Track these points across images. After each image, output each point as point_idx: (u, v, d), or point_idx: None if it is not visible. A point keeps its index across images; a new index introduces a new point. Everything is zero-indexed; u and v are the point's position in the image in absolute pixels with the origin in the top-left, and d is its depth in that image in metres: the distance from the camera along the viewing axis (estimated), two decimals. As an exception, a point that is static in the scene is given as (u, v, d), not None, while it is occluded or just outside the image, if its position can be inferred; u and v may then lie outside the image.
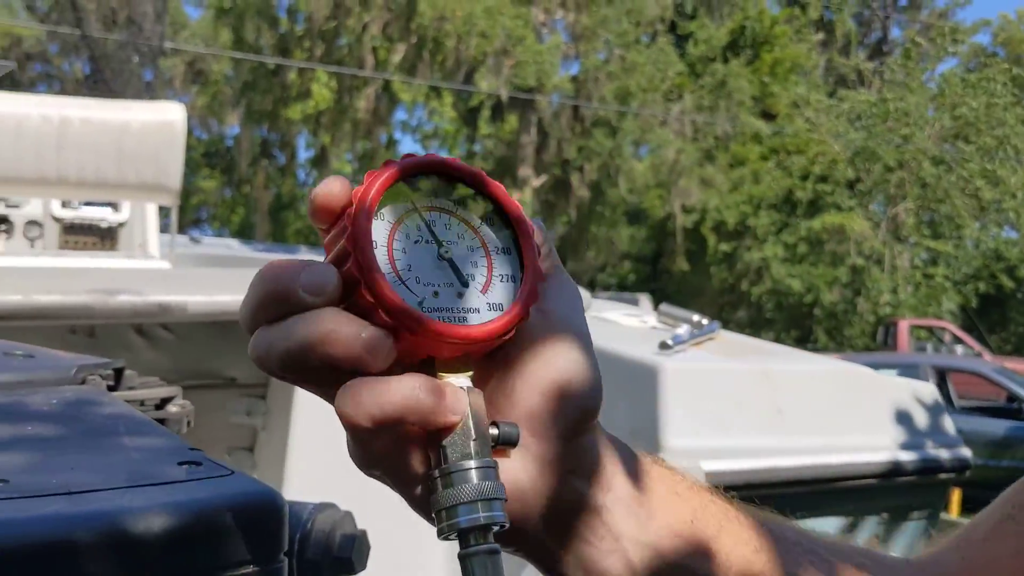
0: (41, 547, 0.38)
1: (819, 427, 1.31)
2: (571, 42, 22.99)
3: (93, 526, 0.39)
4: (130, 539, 0.40)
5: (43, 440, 0.49)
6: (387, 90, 23.89)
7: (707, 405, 1.24)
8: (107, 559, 0.39)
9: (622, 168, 21.80)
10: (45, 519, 0.38)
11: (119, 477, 0.44)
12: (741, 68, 22.56)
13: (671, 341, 1.31)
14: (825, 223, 20.24)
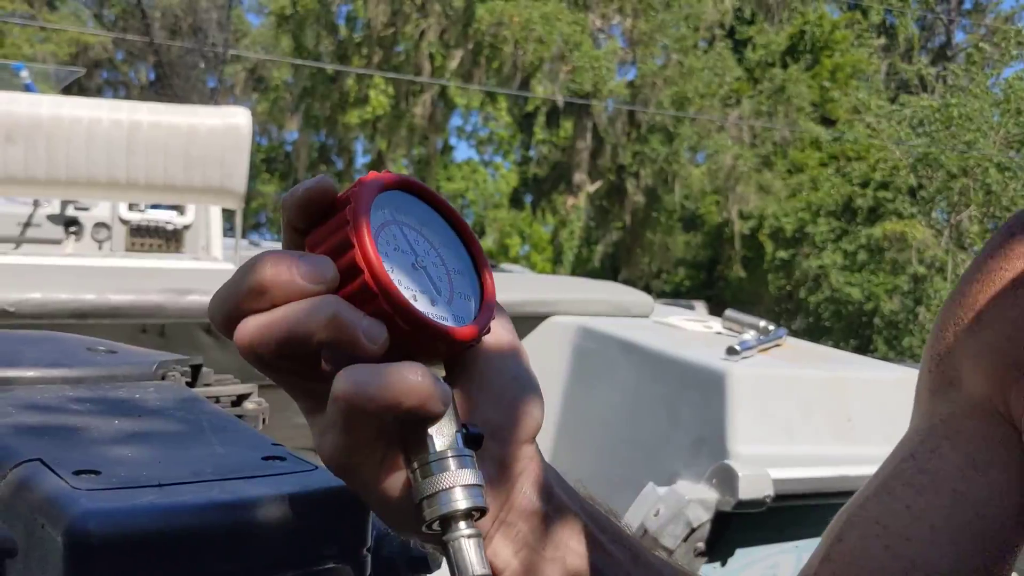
0: (137, 537, 0.38)
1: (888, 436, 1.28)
2: (628, 47, 22.92)
3: (185, 518, 0.40)
4: (222, 531, 0.40)
5: (130, 433, 0.50)
6: (443, 96, 24.07)
7: (776, 412, 1.22)
8: (199, 550, 0.39)
9: (678, 174, 21.66)
10: (139, 510, 0.39)
11: (207, 470, 0.45)
12: (800, 73, 22.28)
13: (738, 347, 1.29)
14: (886, 230, 19.89)
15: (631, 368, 1.37)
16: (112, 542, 0.38)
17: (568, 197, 22.83)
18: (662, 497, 1.13)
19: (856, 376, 1.34)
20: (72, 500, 0.39)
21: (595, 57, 21.36)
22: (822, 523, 1.26)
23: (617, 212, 23.08)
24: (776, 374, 1.27)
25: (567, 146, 23.32)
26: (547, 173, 24.59)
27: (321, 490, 0.45)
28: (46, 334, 0.74)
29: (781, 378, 1.27)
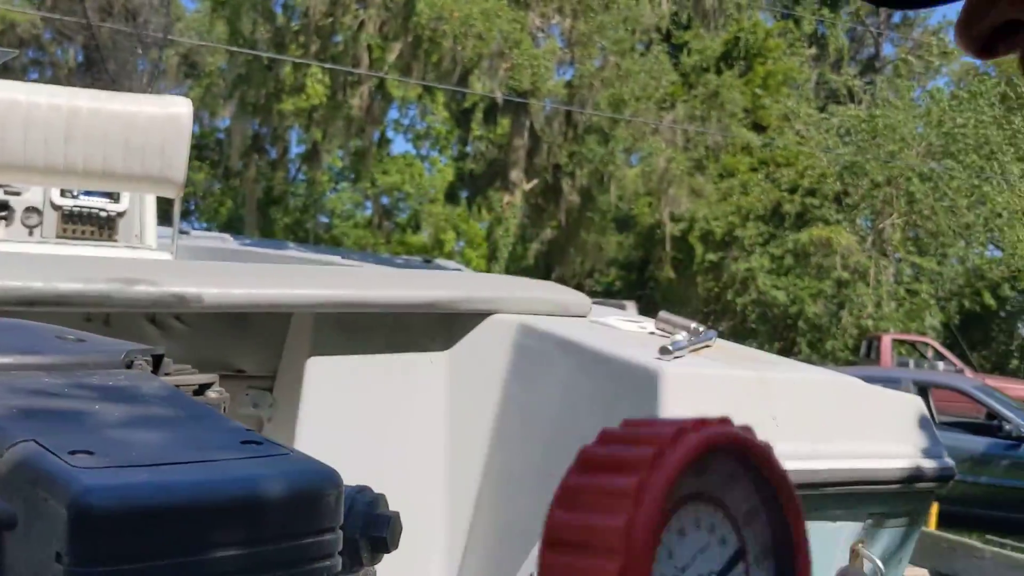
0: (136, 510, 0.42)
1: (810, 434, 1.36)
2: (566, 48, 23.05)
3: (178, 494, 0.44)
4: (212, 506, 0.44)
5: (114, 417, 0.53)
6: (381, 88, 23.90)
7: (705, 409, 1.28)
8: (191, 522, 0.43)
9: (613, 175, 21.88)
10: (137, 486, 0.43)
11: (192, 452, 0.48)
12: (734, 80, 22.69)
13: (671, 347, 1.36)
14: (812, 236, 20.38)
15: (569, 365, 1.42)
16: (113, 515, 0.41)
17: (504, 194, 22.89)
18: (597, 489, 1.19)
19: (781, 377, 1.42)
20: (74, 476, 0.42)
21: (534, 56, 21.43)
22: (746, 515, 1.33)
23: (552, 211, 23.22)
24: (706, 373, 1.34)
25: (504, 143, 23.37)
26: (484, 170, 24.62)
27: (296, 471, 0.49)
28: (14, 322, 0.76)
29: (711, 377, 1.34)
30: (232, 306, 1.37)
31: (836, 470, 1.33)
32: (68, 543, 0.41)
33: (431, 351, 1.58)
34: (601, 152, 21.66)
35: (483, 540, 1.44)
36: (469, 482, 1.50)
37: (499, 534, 1.44)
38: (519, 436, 1.47)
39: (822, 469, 1.31)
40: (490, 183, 23.89)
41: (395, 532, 0.59)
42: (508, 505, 1.45)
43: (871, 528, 1.43)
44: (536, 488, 1.37)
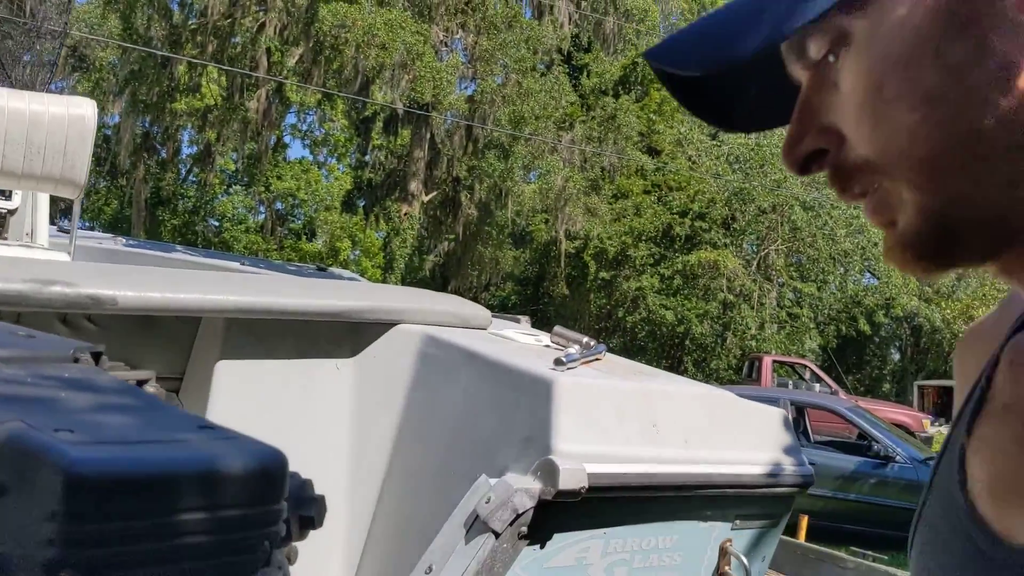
0: (120, 479, 0.50)
1: (687, 441, 1.50)
2: (469, 63, 23.22)
3: (154, 467, 0.52)
4: (182, 477, 0.52)
5: (80, 403, 0.61)
6: (279, 92, 23.57)
7: (593, 416, 1.40)
8: (165, 491, 0.51)
9: (511, 191, 22.12)
10: (120, 459, 0.50)
11: (158, 434, 0.56)
12: (630, 104, 23.29)
13: (565, 359, 1.47)
14: (700, 258, 21.04)
15: (471, 374, 1.52)
16: (99, 481, 0.49)
17: (402, 205, 22.84)
18: (493, 487, 1.29)
19: (662, 389, 1.55)
20: (65, 449, 0.50)
21: (437, 69, 21.50)
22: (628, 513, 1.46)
23: (450, 224, 23.31)
24: (596, 384, 1.46)
25: (404, 154, 23.35)
26: (382, 179, 24.52)
27: (249, 450, 0.57)
28: (-37, 318, 0.81)
29: (600, 387, 1.46)
30: (146, 309, 1.41)
31: (708, 474, 1.47)
32: (63, 504, 0.48)
33: (338, 357, 1.66)
34: (500, 168, 21.88)
35: (383, 535, 1.52)
36: (371, 481, 1.58)
37: (398, 529, 1.52)
38: (421, 439, 1.56)
39: (696, 472, 1.45)
40: (388, 193, 23.81)
41: (321, 512, 0.67)
42: (408, 503, 1.53)
43: (738, 528, 1.58)
44: (436, 487, 1.46)
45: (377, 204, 24.49)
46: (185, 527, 0.52)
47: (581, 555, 1.32)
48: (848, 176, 0.57)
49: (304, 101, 26.95)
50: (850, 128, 0.56)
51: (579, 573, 1.35)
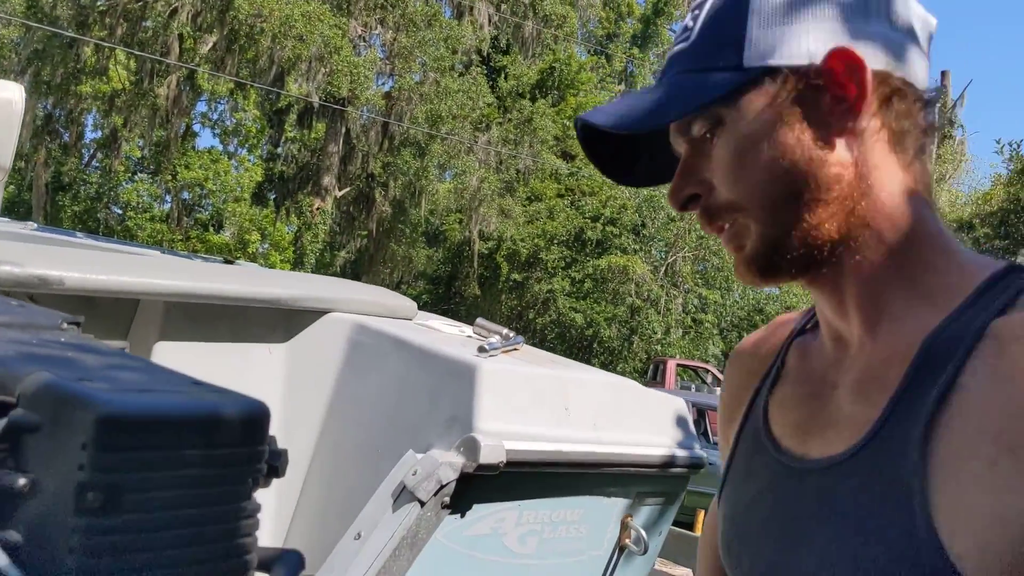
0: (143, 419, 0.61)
1: (595, 424, 1.65)
2: (387, 59, 23.12)
3: (170, 410, 0.63)
4: (194, 419, 0.63)
5: (88, 361, 0.71)
6: (191, 79, 23.07)
7: (512, 399, 1.53)
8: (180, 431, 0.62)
9: (426, 189, 22.14)
10: (142, 402, 0.61)
11: (165, 385, 0.67)
12: (547, 108, 23.56)
13: (487, 347, 1.60)
14: (611, 263, 21.45)
15: (399, 360, 1.64)
16: (125, 421, 0.60)
17: (315, 199, 22.60)
18: (419, 461, 1.41)
19: (575, 376, 1.70)
20: (94, 392, 0.61)
21: (354, 64, 21.36)
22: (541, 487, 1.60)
23: (363, 220, 23.18)
24: (515, 370, 1.60)
25: (318, 148, 23.11)
26: (295, 173, 24.20)
27: (240, 400, 0.69)
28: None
29: (518, 374, 1.60)
30: (91, 290, 1.48)
31: (613, 454, 1.62)
32: (93, 437, 0.59)
33: (271, 342, 1.75)
34: (416, 166, 21.88)
35: (311, 508, 1.63)
36: (301, 458, 1.68)
37: (327, 502, 1.63)
38: (350, 419, 1.67)
39: (602, 452, 1.60)
40: (301, 187, 23.52)
41: (284, 463, 0.79)
42: (337, 478, 1.63)
43: (637, 504, 1.74)
44: (364, 463, 1.57)
45: (289, 198, 24.14)
46: (189, 460, 0.63)
47: (497, 525, 1.45)
48: (714, 214, 0.84)
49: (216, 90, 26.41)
50: (719, 181, 0.82)
51: (495, 541, 1.48)
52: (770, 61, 0.80)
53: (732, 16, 0.82)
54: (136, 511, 0.60)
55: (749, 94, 0.80)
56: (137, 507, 0.60)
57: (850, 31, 0.80)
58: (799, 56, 0.80)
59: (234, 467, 0.66)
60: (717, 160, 0.82)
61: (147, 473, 0.60)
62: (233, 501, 0.66)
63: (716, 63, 0.81)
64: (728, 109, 0.81)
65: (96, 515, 0.58)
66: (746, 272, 0.84)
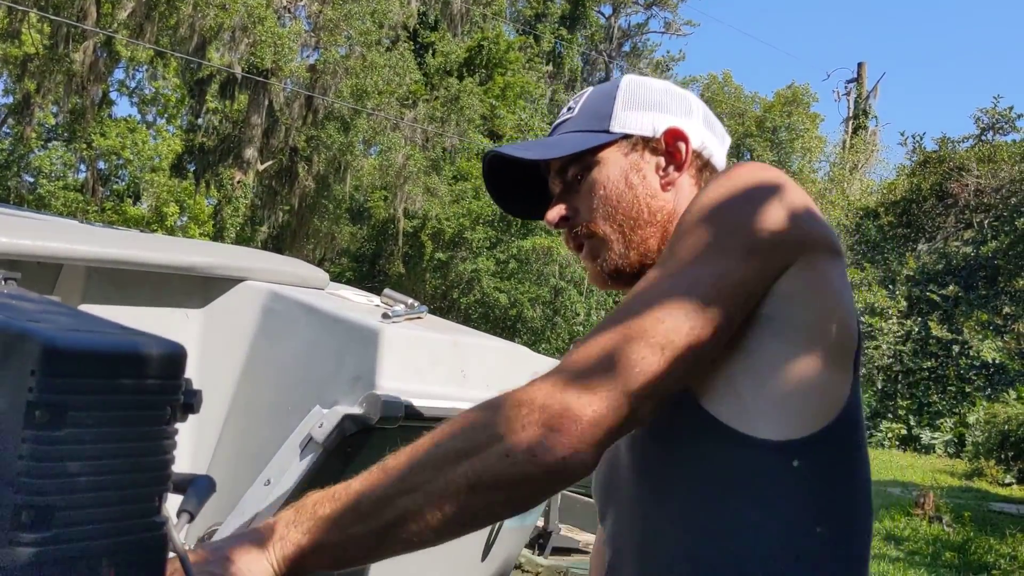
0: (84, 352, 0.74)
1: (488, 385, 1.81)
2: (312, 31, 22.82)
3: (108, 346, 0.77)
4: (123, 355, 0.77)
5: (31, 308, 0.84)
6: (108, 46, 22.44)
7: (412, 362, 1.69)
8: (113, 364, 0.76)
9: (351, 165, 21.99)
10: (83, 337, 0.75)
11: (102, 326, 0.81)
12: (474, 86, 23.57)
13: (391, 314, 1.75)
14: (535, 244, 21.67)
15: (309, 326, 1.77)
16: (67, 352, 0.74)
17: (236, 172, 22.24)
18: (325, 415, 1.56)
19: (470, 342, 1.86)
20: (41, 329, 0.74)
21: (279, 35, 21.06)
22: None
23: (285, 195, 22.93)
24: (416, 335, 1.75)
25: (240, 120, 22.72)
26: (216, 145, 23.76)
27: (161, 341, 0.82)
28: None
29: (419, 338, 1.75)
30: (14, 254, 1.58)
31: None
32: (40, 366, 0.72)
33: (188, 308, 1.86)
34: (340, 140, 21.71)
35: (225, 461, 1.75)
36: (216, 417, 1.80)
37: (240, 456, 1.75)
38: (262, 380, 1.79)
39: None
40: (222, 159, 23.12)
41: (199, 401, 0.92)
42: (249, 434, 1.76)
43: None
44: (274, 420, 1.71)
45: (209, 170, 23.69)
46: (119, 388, 0.77)
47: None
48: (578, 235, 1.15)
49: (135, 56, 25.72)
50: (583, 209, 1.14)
51: (394, 489, 1.64)
52: (627, 130, 1.14)
53: (603, 100, 1.16)
54: (76, 427, 0.73)
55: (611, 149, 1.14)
56: (77, 423, 0.73)
57: (680, 122, 1.16)
58: (647, 129, 1.15)
59: (157, 395, 0.80)
60: (584, 194, 1.15)
61: (85, 396, 0.74)
62: (155, 424, 0.81)
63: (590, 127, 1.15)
64: (595, 159, 1.14)
65: (43, 429, 0.72)
66: (600, 279, 1.14)
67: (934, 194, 12.03)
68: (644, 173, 1.13)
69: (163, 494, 0.85)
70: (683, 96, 1.19)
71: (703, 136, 1.17)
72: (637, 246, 1.11)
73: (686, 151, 1.14)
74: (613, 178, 1.12)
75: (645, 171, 1.13)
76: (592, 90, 1.21)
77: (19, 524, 0.72)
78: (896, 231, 12.76)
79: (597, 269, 1.14)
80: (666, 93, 1.18)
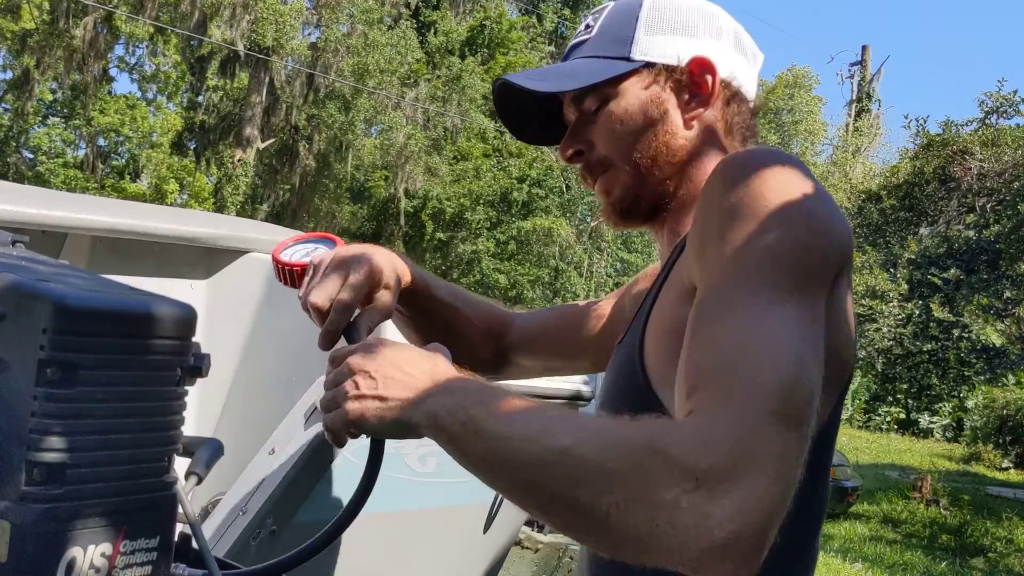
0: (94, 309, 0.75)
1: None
2: (313, 9, 22.70)
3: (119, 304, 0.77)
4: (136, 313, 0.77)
5: (43, 269, 0.84)
6: (108, 22, 22.33)
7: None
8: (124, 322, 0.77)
9: (352, 144, 21.94)
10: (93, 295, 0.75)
11: (110, 288, 0.81)
12: (476, 66, 23.48)
13: (395, 286, 1.77)
14: (535, 225, 21.64)
15: (313, 296, 1.78)
16: (79, 310, 0.74)
17: (236, 151, 22.19)
18: (330, 384, 1.57)
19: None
20: (53, 288, 0.74)
21: (280, 12, 20.93)
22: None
23: (286, 174, 22.89)
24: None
25: (241, 98, 22.64)
26: (216, 123, 23.68)
27: (173, 302, 0.83)
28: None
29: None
30: (20, 223, 1.58)
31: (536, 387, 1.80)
32: (52, 322, 0.72)
33: (193, 279, 1.87)
34: (341, 119, 21.65)
35: (228, 431, 1.76)
36: (221, 387, 1.81)
37: (243, 426, 1.76)
38: (266, 351, 1.80)
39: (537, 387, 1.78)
40: (222, 137, 23.07)
41: (207, 365, 0.93)
42: (253, 404, 1.77)
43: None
44: (278, 390, 1.72)
45: (209, 148, 23.63)
46: (130, 347, 0.77)
47: (399, 445, 1.61)
48: (592, 167, 1.10)
49: (135, 33, 25.57)
50: (599, 143, 1.09)
51: (398, 460, 1.64)
52: (649, 58, 1.07)
53: (625, 21, 1.09)
54: (87, 385, 0.74)
55: (631, 80, 1.07)
56: (88, 382, 0.74)
57: (708, 48, 1.08)
58: (671, 58, 1.07)
59: (166, 355, 0.80)
60: (600, 127, 1.08)
61: (96, 355, 0.74)
62: (165, 384, 0.81)
63: (609, 54, 1.08)
64: (613, 90, 1.07)
65: (55, 386, 0.72)
66: (611, 214, 1.10)
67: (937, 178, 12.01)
68: (666, 107, 1.06)
69: (172, 454, 0.86)
70: (712, 15, 1.10)
71: (733, 62, 1.09)
72: (654, 186, 1.07)
73: (712, 84, 1.06)
74: (632, 112, 1.06)
75: (667, 105, 1.06)
76: (613, 6, 1.12)
77: (31, 480, 0.72)
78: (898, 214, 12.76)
79: (609, 206, 1.09)
80: (694, 13, 1.09)
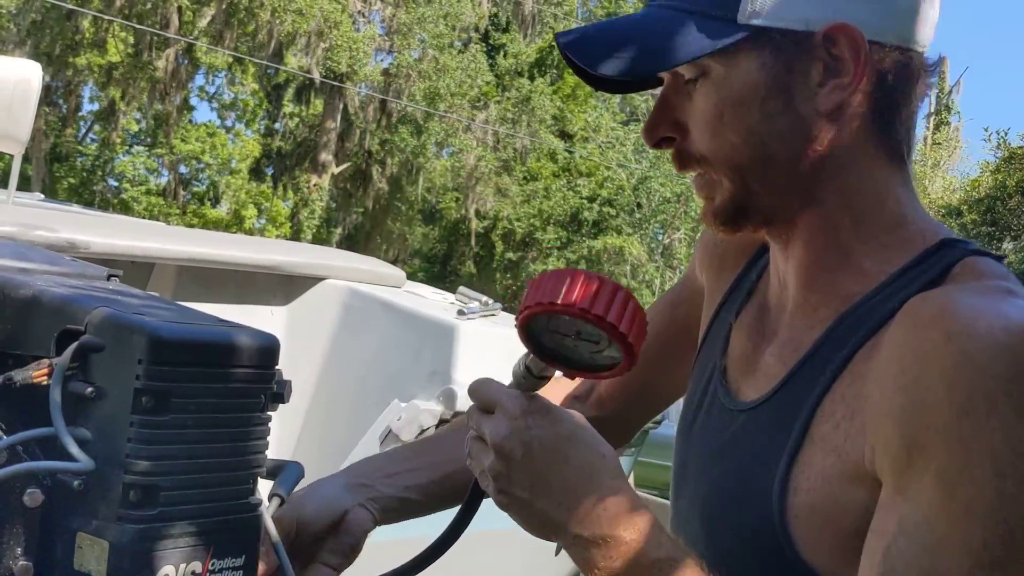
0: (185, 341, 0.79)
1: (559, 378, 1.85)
2: (386, 35, 23.11)
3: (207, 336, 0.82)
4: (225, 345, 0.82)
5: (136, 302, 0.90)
6: (189, 53, 23.09)
7: (486, 356, 1.73)
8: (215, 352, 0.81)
9: (423, 167, 22.21)
10: (185, 328, 0.80)
11: (200, 320, 0.86)
12: (545, 87, 23.57)
13: (467, 311, 1.80)
14: (606, 244, 21.57)
15: (388, 322, 1.83)
16: (171, 342, 0.79)
17: (312, 176, 22.67)
18: (404, 408, 1.61)
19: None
20: (147, 321, 0.79)
21: (354, 39, 21.37)
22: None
23: (360, 197, 23.29)
24: (490, 331, 1.80)
25: (316, 124, 23.15)
26: (292, 149, 24.24)
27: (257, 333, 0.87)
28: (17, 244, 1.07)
29: (493, 334, 1.80)
30: (111, 254, 1.67)
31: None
32: (147, 354, 0.77)
33: (272, 305, 1.94)
34: (413, 143, 21.94)
35: (306, 453, 1.82)
36: (299, 410, 1.88)
37: (320, 448, 1.82)
38: (343, 375, 1.86)
39: None
40: (298, 163, 23.61)
41: (288, 391, 0.97)
42: (330, 427, 1.83)
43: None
44: (354, 413, 1.78)
45: (286, 173, 24.18)
46: (218, 376, 0.82)
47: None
48: (687, 161, 0.83)
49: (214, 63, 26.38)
50: (695, 130, 0.80)
51: (470, 482, 1.69)
52: (765, 22, 0.75)
53: None
54: (179, 412, 0.79)
55: (740, 53, 0.76)
56: (180, 409, 0.79)
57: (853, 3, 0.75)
58: (795, 22, 0.75)
59: (252, 383, 0.85)
60: (696, 109, 0.80)
61: (187, 383, 0.79)
62: (250, 411, 0.86)
63: (710, 11, 0.77)
64: (717, 63, 0.77)
65: (149, 414, 0.77)
66: (712, 221, 0.84)
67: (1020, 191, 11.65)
68: (791, 93, 0.77)
69: (256, 477, 0.90)
70: None
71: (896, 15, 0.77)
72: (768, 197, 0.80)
73: (861, 61, 0.75)
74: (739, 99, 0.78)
75: (793, 90, 0.77)
76: None
77: (127, 503, 0.77)
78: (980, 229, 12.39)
79: (710, 212, 0.84)
80: None
